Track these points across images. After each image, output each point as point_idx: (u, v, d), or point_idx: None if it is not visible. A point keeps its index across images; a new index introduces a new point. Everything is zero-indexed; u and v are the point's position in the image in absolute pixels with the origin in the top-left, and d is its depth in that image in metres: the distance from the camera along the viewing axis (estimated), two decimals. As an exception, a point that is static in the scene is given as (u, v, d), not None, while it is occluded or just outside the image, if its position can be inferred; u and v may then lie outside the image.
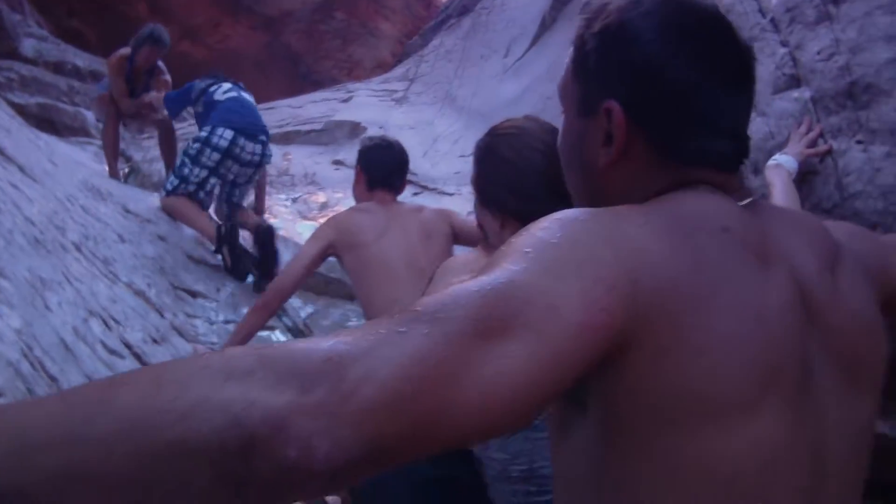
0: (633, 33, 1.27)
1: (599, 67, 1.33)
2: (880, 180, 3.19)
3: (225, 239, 6.09)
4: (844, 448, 1.16)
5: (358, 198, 4.63)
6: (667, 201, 1.20)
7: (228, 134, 6.50)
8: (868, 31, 3.46)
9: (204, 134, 6.54)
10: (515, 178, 2.14)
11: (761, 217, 1.25)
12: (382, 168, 4.54)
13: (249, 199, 7.36)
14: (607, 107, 1.28)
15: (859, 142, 3.25)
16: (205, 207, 6.68)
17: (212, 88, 6.98)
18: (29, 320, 2.45)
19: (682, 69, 1.25)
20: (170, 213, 6.49)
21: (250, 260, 6.20)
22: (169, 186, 6.56)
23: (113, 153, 8.26)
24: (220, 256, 6.19)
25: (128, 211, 5.86)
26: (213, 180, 6.63)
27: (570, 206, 2.09)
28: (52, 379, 2.28)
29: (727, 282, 1.09)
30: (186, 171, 6.49)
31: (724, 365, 1.03)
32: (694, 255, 1.09)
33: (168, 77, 8.26)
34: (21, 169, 4.36)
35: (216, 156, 6.48)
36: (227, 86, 6.99)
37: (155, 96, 7.76)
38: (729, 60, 1.29)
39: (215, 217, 6.79)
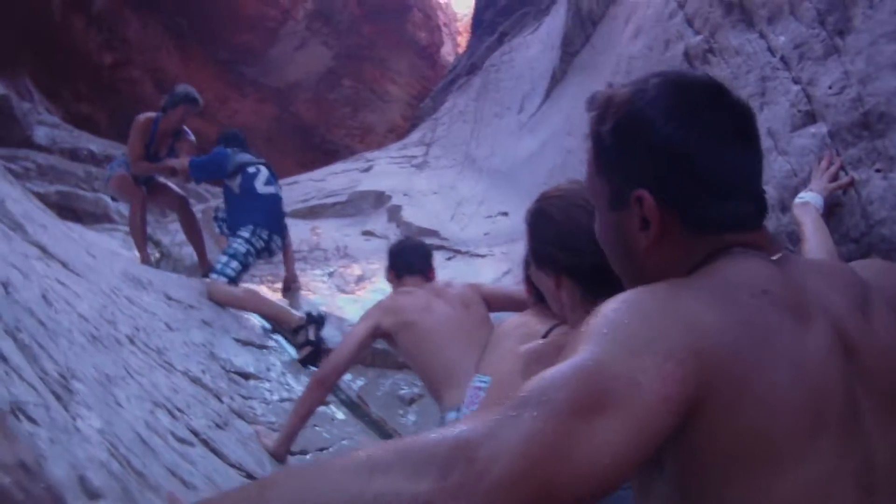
0: (646, 122, 1.38)
1: (621, 160, 1.43)
2: (902, 205, 3.27)
3: (315, 321, 6.47)
4: (892, 474, 1.25)
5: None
6: (710, 274, 1.31)
7: (265, 234, 7.13)
8: (876, 61, 3.56)
9: (246, 234, 7.04)
10: (564, 236, 2.26)
11: (793, 271, 1.34)
12: (405, 257, 5.05)
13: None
14: (637, 195, 1.38)
15: (878, 170, 3.33)
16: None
17: (250, 170, 7.34)
18: (107, 419, 2.56)
19: (696, 144, 1.35)
20: (220, 300, 6.75)
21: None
22: (217, 266, 6.96)
23: (142, 238, 8.35)
24: (283, 338, 6.64)
25: (170, 298, 5.96)
26: (250, 262, 7.10)
27: None
28: (139, 474, 2.38)
29: (773, 339, 1.19)
30: (230, 270, 6.88)
31: (778, 414, 1.14)
32: (742, 320, 1.19)
33: (193, 139, 8.45)
34: (64, 265, 4.45)
35: (253, 253, 7.05)
36: (264, 175, 7.36)
37: (180, 162, 7.87)
38: (733, 123, 1.40)
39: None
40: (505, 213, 9.63)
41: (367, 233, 10.27)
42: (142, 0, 21.89)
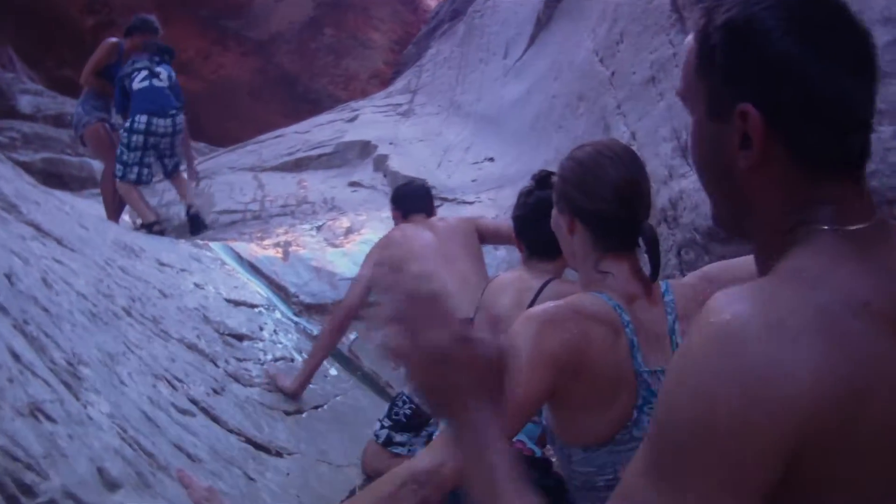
0: (762, 30, 1.22)
1: (727, 65, 1.27)
2: (891, 158, 3.28)
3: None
4: None
5: None
6: (800, 280, 1.15)
7: (143, 118, 7.96)
8: (865, 14, 3.54)
9: (127, 124, 8.06)
10: (585, 180, 2.23)
11: (893, 258, 1.19)
12: (407, 197, 5.47)
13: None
14: (742, 109, 1.22)
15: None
16: (147, 180, 8.27)
17: (132, 76, 8.16)
18: (115, 401, 2.58)
19: (814, 63, 1.20)
20: (122, 196, 8.18)
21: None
22: (118, 173, 8.03)
23: (114, 203, 8.47)
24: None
25: (162, 264, 5.97)
26: (147, 158, 8.07)
27: (637, 216, 2.20)
28: (149, 455, 2.41)
29: (878, 378, 1.07)
30: (125, 156, 7.97)
31: (872, 489, 1.08)
32: (845, 357, 1.06)
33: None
34: (59, 242, 4.47)
35: (139, 138, 7.93)
36: (142, 73, 8.17)
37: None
38: (855, 48, 1.25)
39: None
40: (491, 159, 9.61)
41: (353, 183, 10.23)
42: (122, -42, 21.46)
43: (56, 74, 19.42)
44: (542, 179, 3.25)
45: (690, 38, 1.35)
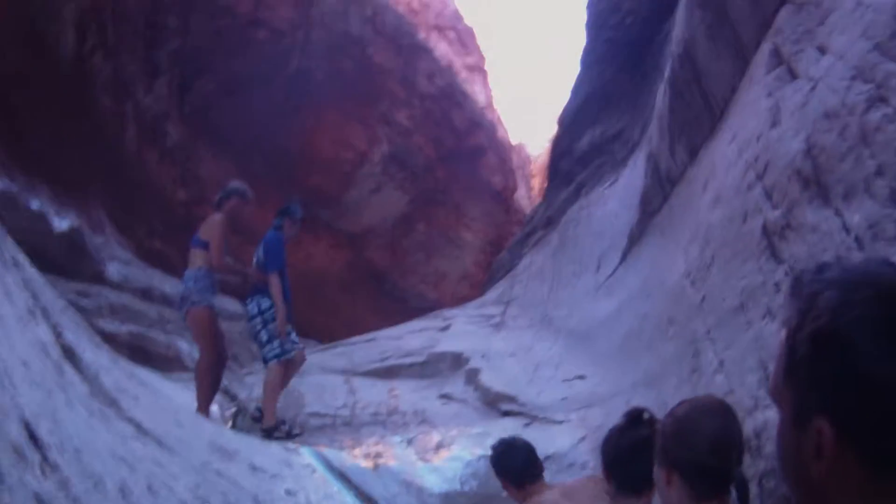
0: (847, 344, 1.25)
1: (811, 378, 1.30)
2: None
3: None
4: None
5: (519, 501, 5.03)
6: None
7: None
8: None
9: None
10: (681, 432, 2.38)
11: None
12: (517, 466, 5.08)
13: None
14: (818, 427, 1.26)
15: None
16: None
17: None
18: None
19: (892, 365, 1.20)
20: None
21: None
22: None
23: (208, 391, 8.39)
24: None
25: (254, 468, 6.07)
26: None
27: (729, 465, 2.33)
28: None
29: None
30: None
31: None
32: None
33: None
34: (159, 443, 4.62)
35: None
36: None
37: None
38: None
39: None
40: (581, 377, 9.64)
41: (444, 396, 10.32)
42: (214, 137, 22.15)
43: (146, 244, 19.67)
44: (635, 419, 3.35)
45: (783, 334, 1.38)
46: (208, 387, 8.40)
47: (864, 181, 4.41)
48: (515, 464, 5.10)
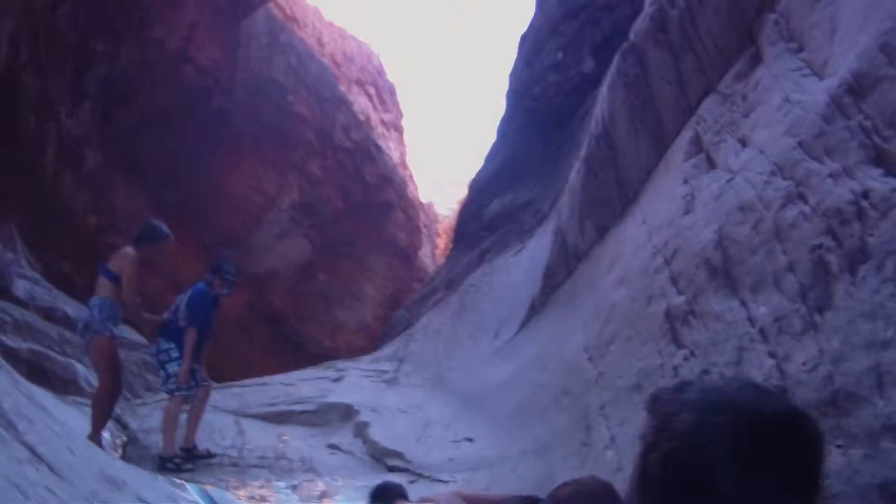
0: (698, 469, 1.30)
1: (662, 497, 1.35)
2: (858, 480, 3.37)
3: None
4: None
5: None
6: None
7: None
8: (851, 340, 3.73)
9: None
10: None
11: None
12: (387, 492, 5.08)
13: None
14: None
15: (839, 446, 3.45)
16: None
17: None
18: None
19: (747, 494, 1.27)
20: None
21: None
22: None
23: (104, 418, 8.44)
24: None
25: (142, 500, 5.95)
26: None
27: None
28: None
29: None
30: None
31: None
32: None
33: None
34: (50, 468, 4.52)
35: None
36: None
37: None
38: (795, 472, 1.31)
39: None
40: (470, 440, 9.64)
41: (332, 446, 10.23)
42: (131, 166, 22.03)
43: (55, 266, 19.23)
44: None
45: (637, 450, 1.44)
46: (103, 415, 8.39)
47: (774, 275, 4.52)
48: (385, 490, 5.18)
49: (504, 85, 20.19)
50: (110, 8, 18.29)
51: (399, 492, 5.25)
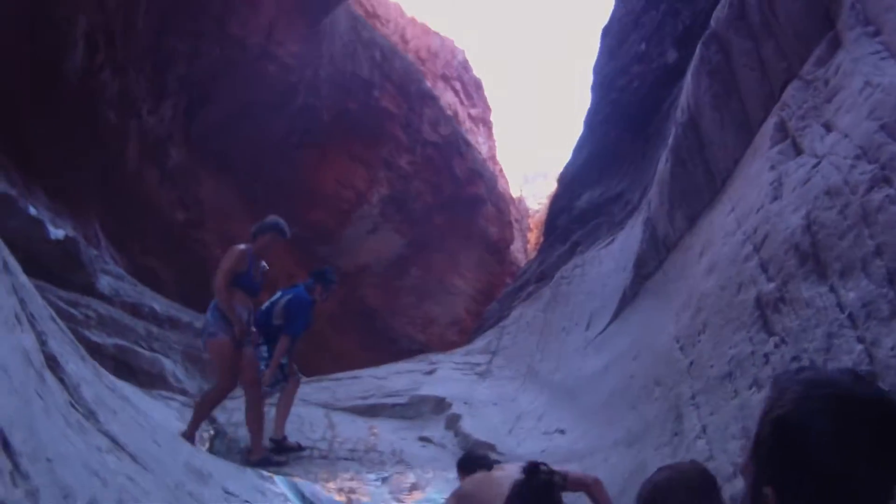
0: (800, 438, 1.51)
1: (769, 458, 1.57)
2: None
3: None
4: None
5: None
6: None
7: None
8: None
9: None
10: (657, 497, 2.46)
11: None
12: (474, 461, 5.64)
13: None
14: (765, 493, 1.54)
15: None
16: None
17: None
18: None
19: (841, 468, 1.47)
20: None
21: None
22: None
23: (202, 418, 8.49)
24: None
25: (228, 492, 6.02)
26: None
27: None
28: None
29: None
30: None
31: None
32: None
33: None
34: (133, 458, 4.59)
35: None
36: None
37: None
38: (881, 446, 1.48)
39: None
40: (562, 431, 9.59)
41: (424, 439, 10.25)
42: (217, 163, 22.25)
43: (139, 261, 19.69)
44: (532, 472, 3.56)
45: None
46: (203, 414, 8.40)
47: (862, 260, 4.42)
48: (473, 458, 5.80)
49: (589, 78, 20.00)
50: (187, 7, 18.55)
51: (483, 462, 5.37)
